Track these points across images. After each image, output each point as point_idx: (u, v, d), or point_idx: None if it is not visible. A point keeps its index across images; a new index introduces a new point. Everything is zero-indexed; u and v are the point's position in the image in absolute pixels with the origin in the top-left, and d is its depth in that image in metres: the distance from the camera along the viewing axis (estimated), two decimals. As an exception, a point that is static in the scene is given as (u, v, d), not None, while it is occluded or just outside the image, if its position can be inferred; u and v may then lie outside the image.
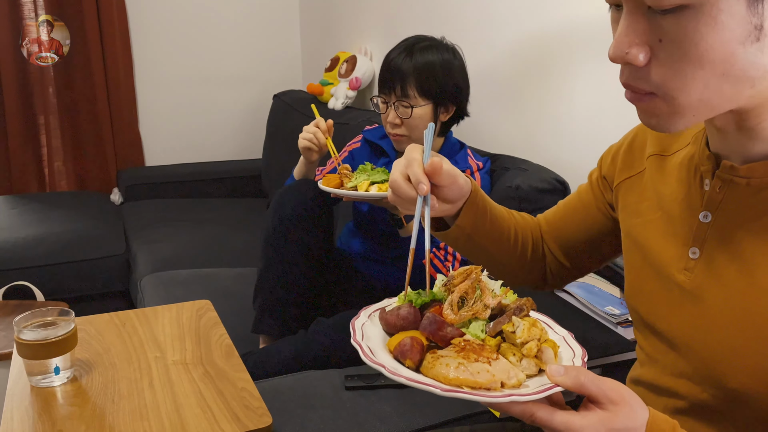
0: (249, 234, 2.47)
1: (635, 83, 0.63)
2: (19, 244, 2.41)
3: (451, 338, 0.69)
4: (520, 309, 0.73)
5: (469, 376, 0.63)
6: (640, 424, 0.62)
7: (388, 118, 1.61)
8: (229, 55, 3.32)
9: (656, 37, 0.60)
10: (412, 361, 0.67)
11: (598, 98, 1.65)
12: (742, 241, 0.69)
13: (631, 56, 0.61)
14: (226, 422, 0.98)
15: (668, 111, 0.63)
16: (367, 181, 1.48)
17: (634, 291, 0.84)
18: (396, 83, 1.57)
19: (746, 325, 0.67)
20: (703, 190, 0.73)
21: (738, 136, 0.67)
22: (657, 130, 0.66)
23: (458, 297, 0.73)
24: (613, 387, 0.62)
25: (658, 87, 0.62)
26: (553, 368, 0.63)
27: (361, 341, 0.70)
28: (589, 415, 0.61)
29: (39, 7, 2.91)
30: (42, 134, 3.03)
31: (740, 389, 0.68)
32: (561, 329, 0.77)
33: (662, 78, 0.61)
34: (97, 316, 1.32)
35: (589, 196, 0.97)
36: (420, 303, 0.75)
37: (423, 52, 1.57)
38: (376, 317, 0.77)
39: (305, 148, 1.65)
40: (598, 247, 0.97)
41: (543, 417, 0.61)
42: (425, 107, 1.58)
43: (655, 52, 0.61)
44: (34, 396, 1.06)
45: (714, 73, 0.59)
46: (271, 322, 1.60)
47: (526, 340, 0.68)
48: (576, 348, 0.73)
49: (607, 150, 0.95)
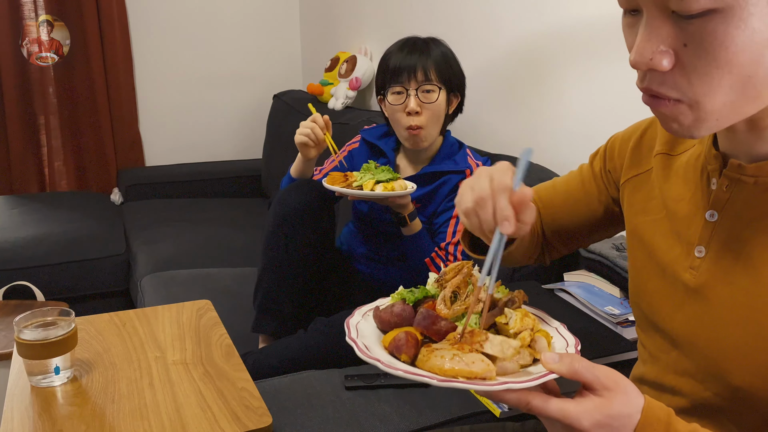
0: (249, 234, 2.47)
1: (659, 89, 0.62)
2: (19, 244, 2.41)
3: (445, 332, 0.70)
4: (512, 301, 0.74)
5: (464, 366, 0.64)
6: (636, 410, 0.62)
7: (408, 107, 1.56)
8: (229, 55, 3.32)
9: (681, 42, 0.59)
10: (407, 355, 0.67)
11: (596, 98, 1.65)
12: (749, 240, 0.69)
13: (655, 62, 0.60)
14: (226, 422, 0.99)
15: (693, 117, 0.62)
16: (372, 180, 1.48)
17: (638, 289, 0.84)
18: (418, 69, 1.56)
19: (751, 323, 0.67)
20: (710, 189, 0.73)
21: (748, 136, 0.67)
22: (679, 135, 0.65)
23: (450, 292, 0.74)
24: (608, 374, 0.62)
25: (684, 93, 0.61)
26: (548, 356, 0.63)
27: (356, 338, 0.71)
28: (584, 401, 0.61)
29: (39, 7, 2.91)
30: (42, 134, 3.03)
31: (744, 387, 0.68)
32: (554, 321, 0.78)
33: (688, 83, 0.60)
34: (97, 316, 1.32)
35: (591, 187, 0.96)
36: (413, 300, 0.76)
37: (431, 45, 1.60)
38: (370, 316, 0.77)
39: (302, 143, 1.62)
40: (591, 233, 0.99)
41: (538, 405, 0.61)
42: (443, 94, 1.58)
43: (679, 57, 0.60)
44: (34, 396, 1.06)
45: (741, 76, 0.58)
46: (270, 322, 1.60)
47: (519, 330, 0.69)
48: (569, 338, 0.73)
49: (613, 140, 0.94)
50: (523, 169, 0.72)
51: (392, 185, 1.47)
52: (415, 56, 1.57)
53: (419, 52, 1.57)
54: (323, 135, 1.61)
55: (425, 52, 1.57)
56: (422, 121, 1.57)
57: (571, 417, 0.60)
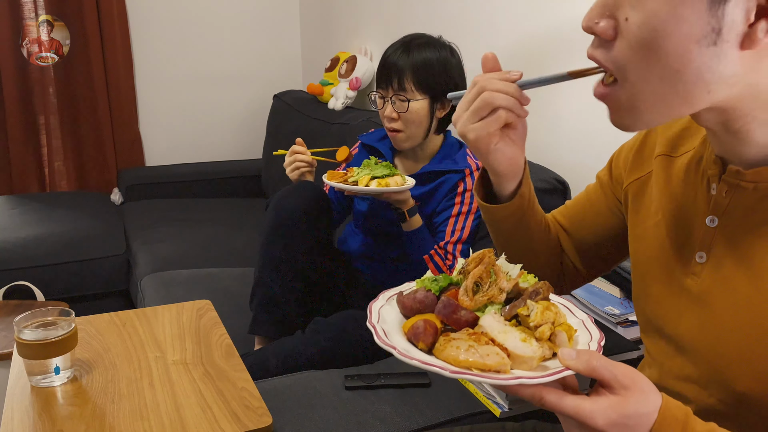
0: (249, 234, 2.47)
1: (598, 54, 0.65)
2: (19, 244, 2.41)
3: (465, 321, 0.70)
4: (536, 292, 0.72)
5: (479, 359, 0.63)
6: (653, 409, 0.61)
7: (385, 113, 1.60)
8: (229, 55, 3.32)
9: (623, 15, 0.62)
10: (424, 343, 0.67)
11: (596, 98, 1.65)
12: (750, 246, 0.68)
13: (600, 28, 0.63)
14: (226, 422, 0.99)
15: (627, 104, 0.65)
16: (368, 176, 1.48)
17: (641, 294, 0.83)
18: (393, 77, 1.57)
19: (753, 329, 0.67)
20: (710, 194, 0.73)
21: (728, 138, 0.68)
22: (621, 127, 0.67)
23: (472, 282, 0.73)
24: (626, 372, 0.61)
25: (618, 66, 0.64)
26: (565, 352, 0.62)
27: (376, 323, 0.71)
28: (600, 399, 0.60)
29: (39, 7, 2.91)
30: (42, 134, 3.02)
31: (747, 393, 0.68)
32: (581, 313, 0.76)
33: (623, 58, 0.63)
34: (97, 316, 1.32)
35: (599, 196, 0.96)
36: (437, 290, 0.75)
37: (420, 49, 1.57)
38: (394, 300, 0.77)
39: (300, 175, 1.64)
40: (608, 248, 0.96)
41: (552, 400, 0.61)
42: (422, 102, 1.57)
43: (620, 30, 0.62)
44: (34, 396, 1.06)
45: (669, 67, 0.60)
46: (268, 323, 1.60)
47: (539, 324, 0.68)
48: (594, 332, 0.72)
49: (618, 150, 0.94)
50: None
51: (387, 181, 1.47)
52: (394, 62, 1.57)
53: (403, 57, 1.57)
54: (310, 157, 1.64)
55: (407, 58, 1.56)
56: (400, 126, 1.60)
57: (585, 415, 0.59)
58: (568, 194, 1.63)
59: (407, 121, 1.59)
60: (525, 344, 0.66)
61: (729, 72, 0.60)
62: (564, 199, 1.62)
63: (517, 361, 0.65)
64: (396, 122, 1.60)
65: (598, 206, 0.96)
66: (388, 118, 1.60)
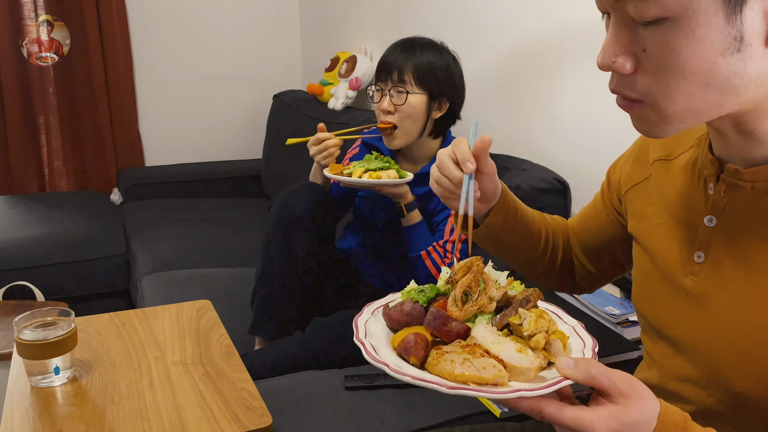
0: (249, 234, 2.47)
1: (623, 90, 0.65)
2: (19, 244, 2.41)
3: (456, 333, 0.68)
4: (526, 300, 0.71)
5: (475, 372, 0.62)
6: (652, 416, 0.61)
7: (382, 106, 1.59)
8: (229, 55, 3.32)
9: (640, 47, 0.61)
10: (416, 358, 0.65)
11: (595, 98, 1.65)
12: (748, 245, 0.68)
13: (618, 65, 0.63)
14: (226, 422, 0.98)
15: (656, 119, 0.64)
16: (361, 168, 1.48)
17: (641, 295, 0.84)
18: (394, 70, 1.56)
19: (752, 329, 0.67)
20: (708, 194, 0.73)
21: (739, 139, 0.67)
22: (648, 135, 0.67)
23: (461, 292, 0.71)
24: (624, 379, 0.61)
25: (645, 95, 0.63)
26: (563, 361, 0.62)
27: (364, 339, 0.68)
28: (600, 410, 0.60)
29: (39, 7, 2.91)
30: (42, 134, 3.02)
31: (746, 394, 0.68)
32: (570, 319, 0.76)
33: (648, 87, 0.62)
34: (97, 316, 1.32)
35: (599, 204, 0.98)
36: (424, 301, 0.73)
37: (423, 49, 1.58)
38: (379, 313, 0.75)
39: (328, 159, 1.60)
40: (614, 252, 0.98)
41: (552, 413, 0.60)
42: (420, 96, 1.56)
43: (640, 62, 0.62)
44: (34, 396, 1.06)
45: (697, 83, 0.60)
46: (268, 324, 1.60)
47: (533, 333, 0.66)
48: (586, 338, 0.71)
49: (615, 161, 0.96)
50: (473, 135, 0.83)
51: (379, 174, 1.47)
52: (397, 57, 1.57)
53: (406, 53, 1.57)
54: (337, 139, 1.62)
55: (410, 54, 1.56)
56: (395, 119, 1.58)
57: (585, 426, 0.59)
58: (568, 194, 1.63)
59: (403, 115, 1.57)
60: (521, 355, 0.64)
61: (757, 72, 0.60)
62: (564, 199, 1.62)
63: (513, 372, 0.64)
64: (392, 116, 1.58)
65: (600, 215, 0.98)
66: (384, 111, 1.59)
